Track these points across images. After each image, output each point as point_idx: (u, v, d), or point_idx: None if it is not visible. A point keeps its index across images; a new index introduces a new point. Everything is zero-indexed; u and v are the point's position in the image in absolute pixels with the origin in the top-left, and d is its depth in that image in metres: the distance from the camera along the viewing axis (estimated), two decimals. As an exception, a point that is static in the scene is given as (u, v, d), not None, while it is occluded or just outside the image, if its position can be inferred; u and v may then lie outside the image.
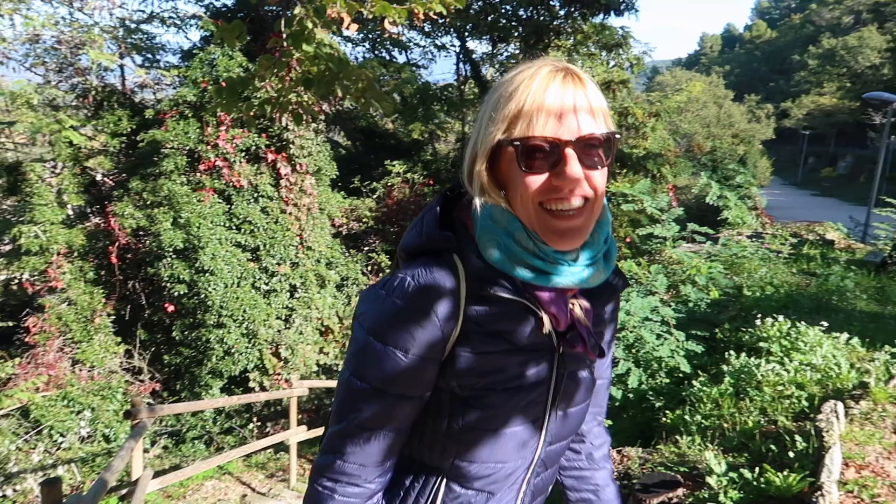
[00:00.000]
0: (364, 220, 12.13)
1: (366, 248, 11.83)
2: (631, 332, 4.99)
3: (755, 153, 39.77)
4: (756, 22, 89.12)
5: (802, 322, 4.75)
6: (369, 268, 11.57)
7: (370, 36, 14.67)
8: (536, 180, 0.93)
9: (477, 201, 0.99)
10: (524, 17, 14.63)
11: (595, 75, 13.92)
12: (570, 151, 0.91)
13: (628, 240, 10.71)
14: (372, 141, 15.65)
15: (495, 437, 1.03)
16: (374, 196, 12.82)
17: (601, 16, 13.40)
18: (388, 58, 15.88)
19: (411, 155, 14.72)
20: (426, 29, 15.19)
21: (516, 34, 14.99)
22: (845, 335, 4.63)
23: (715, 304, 5.99)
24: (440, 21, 13.04)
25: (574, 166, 0.91)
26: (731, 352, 4.57)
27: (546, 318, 0.99)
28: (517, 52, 15.62)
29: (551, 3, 13.82)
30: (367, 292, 1.02)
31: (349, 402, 1.01)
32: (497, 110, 0.95)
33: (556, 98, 0.92)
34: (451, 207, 1.06)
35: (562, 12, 14.04)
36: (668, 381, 4.78)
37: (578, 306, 1.04)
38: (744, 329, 5.15)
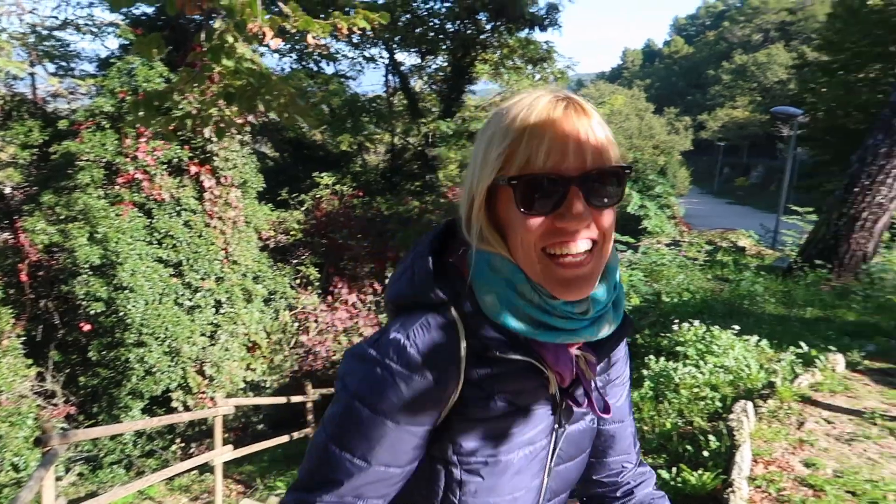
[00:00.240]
0: (292, 232, 11.96)
1: (294, 262, 11.66)
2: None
3: (675, 164, 41.49)
4: (674, 38, 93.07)
5: (716, 326, 4.99)
6: (298, 281, 11.40)
7: (297, 47, 14.54)
8: (537, 222, 0.83)
9: (474, 248, 0.89)
10: (452, 30, 14.83)
11: (520, 88, 14.25)
12: (574, 189, 0.81)
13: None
14: (300, 152, 15.47)
15: None
16: (303, 208, 12.67)
17: (526, 31, 13.74)
18: (315, 69, 15.75)
19: (340, 166, 14.63)
20: (354, 41, 15.17)
21: (444, 47, 15.17)
22: (755, 337, 4.89)
23: (636, 311, 6.21)
24: (368, 33, 13.04)
25: (579, 205, 0.81)
26: (651, 356, 4.75)
27: (552, 377, 0.91)
28: (445, 64, 15.81)
29: (478, 17, 14.06)
30: (354, 350, 0.91)
31: (324, 470, 0.89)
32: (492, 146, 0.86)
33: (558, 130, 0.82)
34: (442, 250, 0.94)
35: (488, 27, 14.30)
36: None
37: (584, 359, 0.95)
38: (662, 334, 5.36)
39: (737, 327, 4.90)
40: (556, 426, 0.97)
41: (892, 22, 19.51)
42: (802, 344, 4.73)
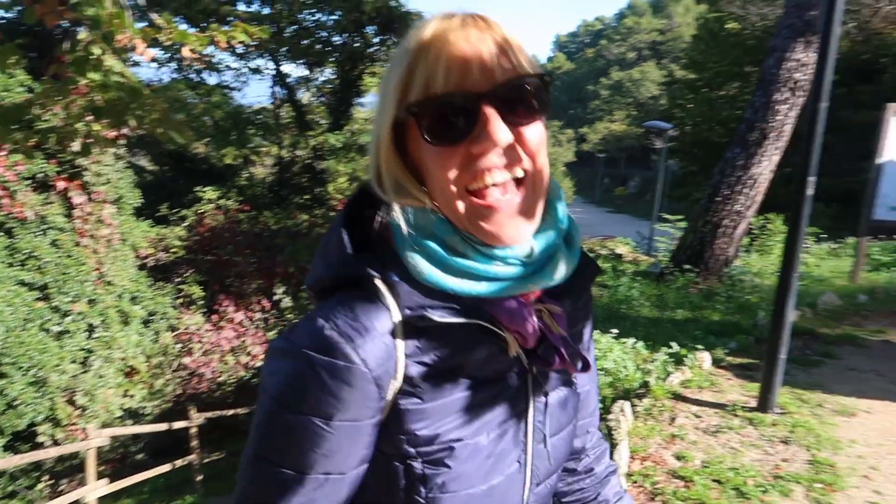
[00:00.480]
0: (173, 249, 11.42)
1: (176, 280, 11.14)
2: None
3: (559, 175, 43.23)
4: (557, 54, 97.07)
5: (597, 330, 5.25)
6: (180, 300, 10.89)
7: (175, 56, 13.96)
8: (450, 154, 0.71)
9: (395, 207, 0.77)
10: (339, 42, 14.76)
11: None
12: (486, 105, 0.70)
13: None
14: (181, 166, 14.82)
15: (471, 500, 0.78)
16: (185, 224, 12.13)
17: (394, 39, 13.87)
18: (196, 79, 15.18)
19: (225, 180, 14.15)
20: (238, 51, 14.76)
21: (332, 59, 15.06)
22: (632, 340, 5.18)
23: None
24: (252, 44, 12.73)
25: (496, 125, 0.69)
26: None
27: (510, 339, 0.77)
28: (334, 76, 15.70)
29: (366, 31, 14.08)
30: (272, 344, 0.77)
31: (254, 491, 0.75)
32: (391, 76, 0.74)
33: (460, 45, 0.70)
34: (364, 223, 0.82)
35: (376, 40, 14.35)
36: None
37: (547, 312, 0.81)
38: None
39: (615, 331, 5.17)
40: (530, 397, 0.83)
41: (747, 45, 21.35)
42: (674, 344, 5.07)
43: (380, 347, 0.71)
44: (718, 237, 8.10)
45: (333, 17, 14.29)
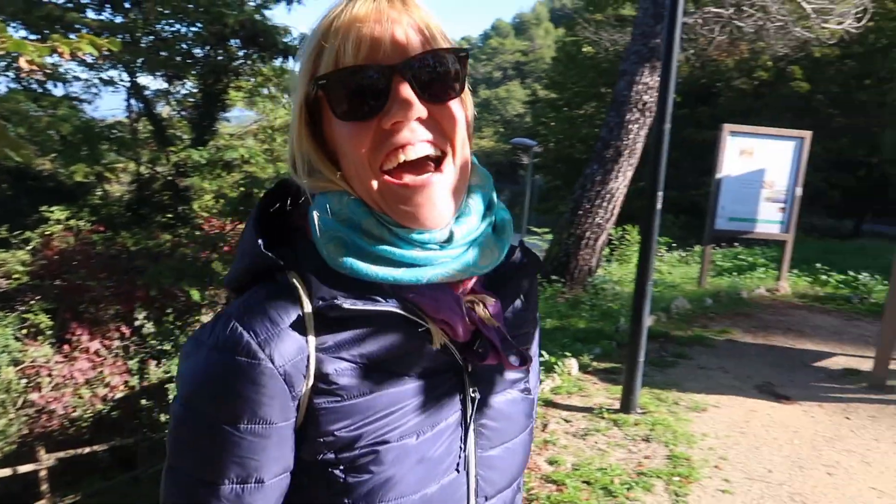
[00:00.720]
0: (15, 275, 10.39)
1: (20, 308, 10.12)
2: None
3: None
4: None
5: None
6: (25, 331, 9.90)
7: (14, 66, 12.75)
8: (361, 131, 0.68)
9: (309, 193, 0.74)
10: (201, 55, 14.14)
11: (278, 117, 14.05)
12: (398, 78, 0.66)
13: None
14: (23, 184, 13.51)
15: None
16: (29, 247, 11.07)
17: (281, 59, 13.59)
18: (40, 90, 13.95)
19: (76, 199, 13.07)
20: (88, 61, 13.75)
21: (194, 72, 14.40)
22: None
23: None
24: (104, 54, 11.92)
25: (406, 95, 0.66)
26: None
27: (434, 329, 0.72)
28: (196, 90, 15.01)
29: (229, 44, 13.60)
30: (185, 345, 0.72)
31: (170, 502, 0.71)
32: (302, 56, 0.72)
33: (371, 18, 0.67)
34: (284, 217, 0.78)
35: (240, 53, 13.90)
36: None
37: (481, 304, 0.76)
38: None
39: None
40: (468, 397, 0.77)
41: (602, 67, 22.83)
42: (544, 353, 5.27)
43: (288, 342, 0.67)
44: (582, 248, 8.55)
45: (194, 29, 13.67)
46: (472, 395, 0.77)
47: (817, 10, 9.84)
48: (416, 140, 0.68)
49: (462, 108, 0.73)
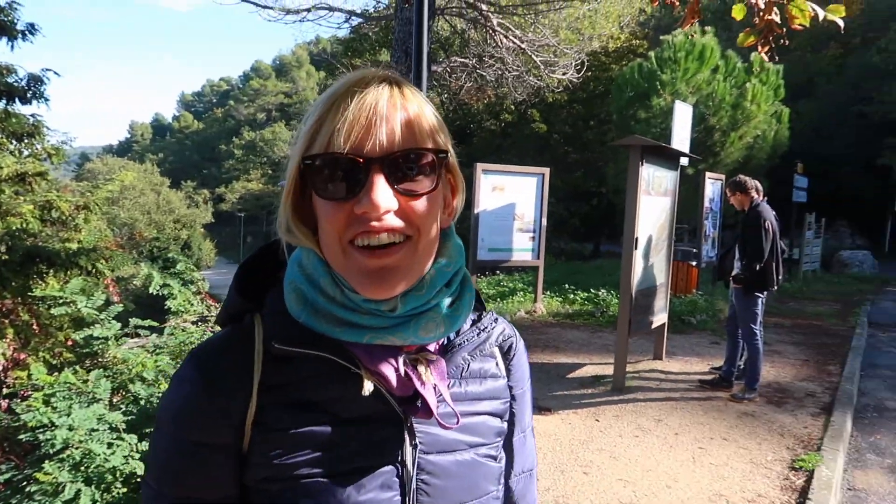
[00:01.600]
0: None
1: None
2: (77, 448, 4.51)
3: (198, 237, 41.48)
4: (183, 113, 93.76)
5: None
6: None
7: None
8: (337, 209, 0.73)
9: (283, 242, 0.82)
10: None
11: (5, 166, 12.32)
12: (376, 171, 0.71)
13: (70, 343, 9.70)
14: None
15: None
16: None
17: (4, 102, 11.98)
18: None
19: None
20: None
21: None
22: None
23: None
24: None
25: (380, 191, 0.71)
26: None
27: (366, 376, 0.76)
28: None
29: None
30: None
31: None
32: (304, 124, 0.77)
33: (366, 107, 0.72)
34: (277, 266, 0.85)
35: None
36: (125, 490, 4.48)
37: (424, 362, 0.80)
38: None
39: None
40: (406, 449, 0.79)
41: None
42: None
43: (236, 375, 0.76)
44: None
45: None
46: (412, 448, 0.80)
47: (545, 63, 11.23)
48: (381, 230, 0.72)
49: (434, 199, 0.77)
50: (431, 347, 0.84)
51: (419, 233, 0.75)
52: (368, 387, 0.76)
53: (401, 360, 0.79)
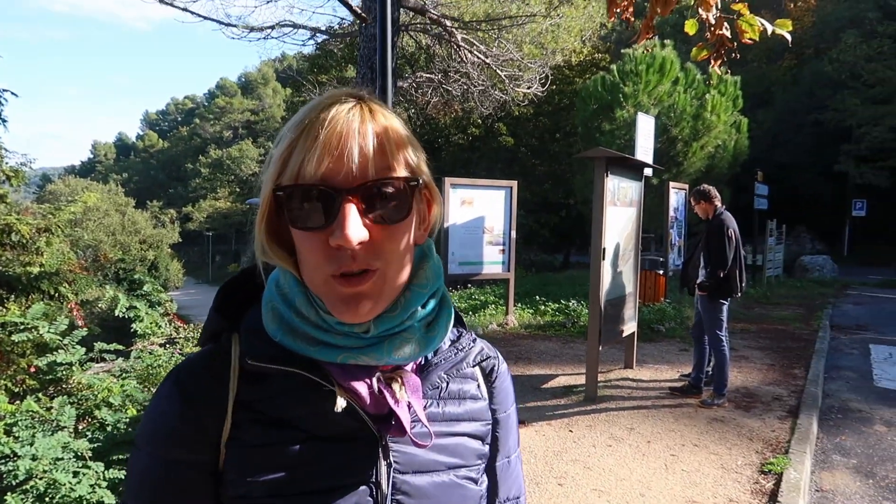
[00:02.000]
0: None
1: None
2: (41, 478, 4.38)
3: (165, 257, 40.72)
4: (147, 132, 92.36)
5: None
6: None
7: None
8: (312, 238, 0.72)
9: (258, 261, 0.81)
10: None
11: (-39, 189, 12.00)
12: (347, 203, 0.70)
13: (33, 369, 9.44)
14: None
15: None
16: None
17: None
18: None
19: None
20: None
21: None
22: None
23: (135, 422, 5.80)
24: None
25: (352, 223, 0.70)
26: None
27: (339, 392, 0.76)
28: None
29: None
30: None
31: None
32: (276, 147, 0.76)
33: (337, 133, 0.71)
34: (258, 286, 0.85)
35: None
36: (92, 521, 4.36)
37: (399, 379, 0.80)
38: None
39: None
40: (380, 468, 0.79)
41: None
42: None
43: (207, 391, 0.77)
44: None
45: None
46: (387, 467, 0.79)
47: (510, 77, 11.36)
48: (354, 257, 0.72)
49: (406, 226, 0.77)
50: (408, 366, 0.83)
51: (389, 261, 0.75)
52: (341, 403, 0.76)
53: (374, 378, 0.79)
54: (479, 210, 9.02)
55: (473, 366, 0.92)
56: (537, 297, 12.22)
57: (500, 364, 0.97)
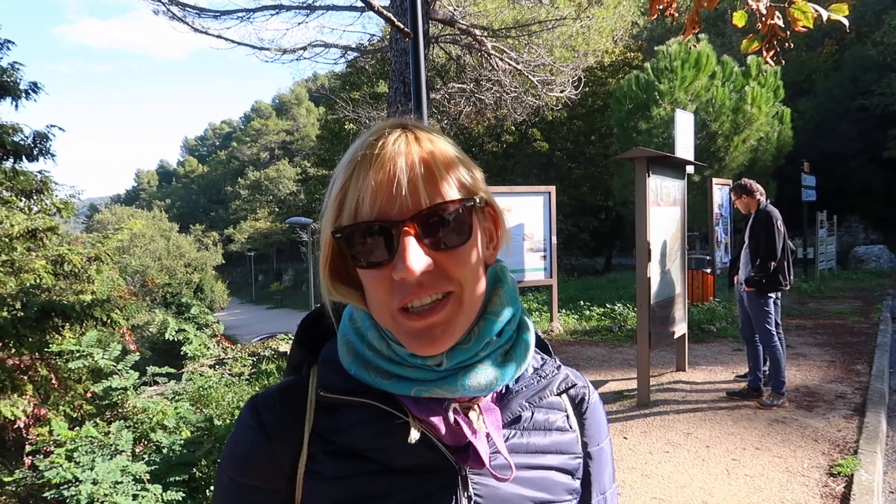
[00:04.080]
0: None
1: None
2: (102, 502, 4.47)
3: (210, 279, 41.63)
4: (187, 158, 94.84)
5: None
6: None
7: None
8: (376, 275, 0.72)
9: (326, 299, 0.81)
10: None
11: (15, 224, 12.46)
12: (405, 234, 0.69)
13: (90, 395, 9.69)
14: None
15: None
16: None
17: (12, 161, 12.16)
18: None
19: None
20: None
21: None
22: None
23: (189, 444, 5.89)
24: None
25: (412, 253, 0.69)
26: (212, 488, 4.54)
27: (413, 423, 0.74)
28: None
29: (-57, 145, 11.86)
30: None
31: None
32: (331, 194, 0.75)
33: (384, 167, 0.70)
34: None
35: (-40, 155, 12.19)
36: (153, 543, 4.42)
37: (476, 409, 0.78)
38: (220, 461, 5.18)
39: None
40: (459, 500, 0.76)
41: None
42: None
43: (287, 425, 0.78)
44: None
45: None
46: (466, 500, 0.77)
47: (542, 82, 11.28)
48: (421, 289, 0.70)
49: (470, 248, 0.75)
50: (487, 395, 0.80)
51: (461, 286, 0.73)
52: (415, 434, 0.74)
53: (451, 408, 0.76)
54: (518, 217, 8.94)
55: (558, 394, 0.87)
56: (581, 302, 12.05)
57: (592, 394, 0.93)
